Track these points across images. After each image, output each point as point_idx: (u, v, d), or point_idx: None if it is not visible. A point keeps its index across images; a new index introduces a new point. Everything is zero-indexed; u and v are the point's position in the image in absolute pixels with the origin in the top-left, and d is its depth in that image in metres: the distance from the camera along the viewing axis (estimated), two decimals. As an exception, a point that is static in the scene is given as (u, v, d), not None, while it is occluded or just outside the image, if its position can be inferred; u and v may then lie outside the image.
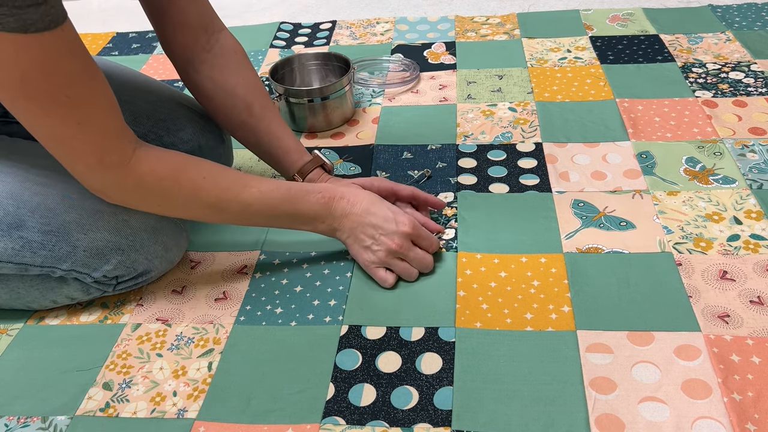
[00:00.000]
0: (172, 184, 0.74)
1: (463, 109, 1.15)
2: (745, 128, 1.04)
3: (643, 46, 1.29)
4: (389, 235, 0.79)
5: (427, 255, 0.82)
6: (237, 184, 0.77)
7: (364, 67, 1.30)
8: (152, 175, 0.72)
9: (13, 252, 0.74)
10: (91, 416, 0.70)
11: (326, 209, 0.80)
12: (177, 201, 0.76)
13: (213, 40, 0.88)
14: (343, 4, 1.62)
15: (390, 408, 0.68)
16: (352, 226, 0.80)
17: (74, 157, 0.69)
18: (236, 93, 0.88)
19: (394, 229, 0.79)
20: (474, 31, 1.41)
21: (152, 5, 0.84)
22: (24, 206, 0.75)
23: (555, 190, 0.95)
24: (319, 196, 0.79)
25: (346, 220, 0.80)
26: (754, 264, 0.81)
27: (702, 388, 0.67)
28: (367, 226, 0.80)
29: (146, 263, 0.80)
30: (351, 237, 0.81)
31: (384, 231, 0.79)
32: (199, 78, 0.88)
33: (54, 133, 0.67)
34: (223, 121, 0.93)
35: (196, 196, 0.75)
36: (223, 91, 0.88)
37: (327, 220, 0.80)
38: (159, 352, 0.76)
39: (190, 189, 0.75)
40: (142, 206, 0.77)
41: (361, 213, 0.80)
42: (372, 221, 0.80)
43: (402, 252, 0.80)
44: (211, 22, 0.88)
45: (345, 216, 0.80)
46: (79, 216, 0.76)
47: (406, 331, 0.76)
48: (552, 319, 0.76)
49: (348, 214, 0.80)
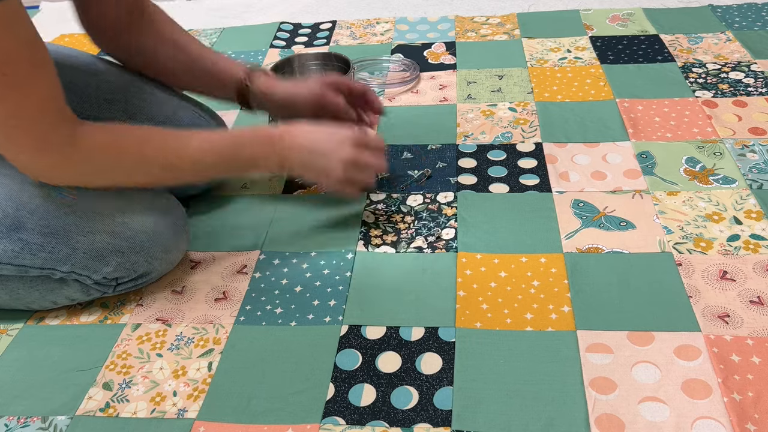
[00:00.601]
0: (119, 153, 0.73)
1: (463, 109, 1.15)
2: (745, 128, 1.04)
3: (643, 46, 1.29)
4: (339, 149, 0.81)
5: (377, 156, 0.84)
6: (183, 141, 0.77)
7: (364, 67, 1.30)
8: (97, 149, 0.72)
9: (13, 254, 0.74)
10: (91, 416, 0.70)
11: (271, 146, 0.80)
12: (127, 170, 0.75)
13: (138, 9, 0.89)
14: (343, 4, 1.62)
15: (390, 408, 0.68)
16: (301, 157, 0.81)
17: (13, 142, 0.68)
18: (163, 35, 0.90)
19: (341, 139, 0.82)
20: (474, 31, 1.41)
21: None
22: (23, 208, 0.74)
23: (555, 190, 0.95)
24: (262, 135, 0.81)
25: (292, 153, 0.81)
26: (754, 264, 0.81)
27: (702, 388, 0.67)
28: (314, 148, 0.81)
29: (146, 265, 0.80)
30: (303, 167, 0.83)
31: (332, 147, 0.81)
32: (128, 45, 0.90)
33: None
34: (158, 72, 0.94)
35: (145, 161, 0.75)
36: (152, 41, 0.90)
37: (275, 156, 0.81)
38: (159, 352, 0.76)
39: (137, 155, 0.74)
40: (93, 182, 0.76)
41: (304, 141, 0.81)
42: (318, 144, 0.81)
43: (355, 160, 0.81)
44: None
45: (290, 149, 0.81)
46: (79, 218, 0.76)
47: (406, 331, 0.76)
48: (552, 319, 0.76)
49: (292, 146, 0.81)
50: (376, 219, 0.93)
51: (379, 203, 0.96)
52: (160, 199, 0.84)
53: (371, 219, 0.93)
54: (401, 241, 0.89)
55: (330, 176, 0.82)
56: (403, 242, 0.89)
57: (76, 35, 1.55)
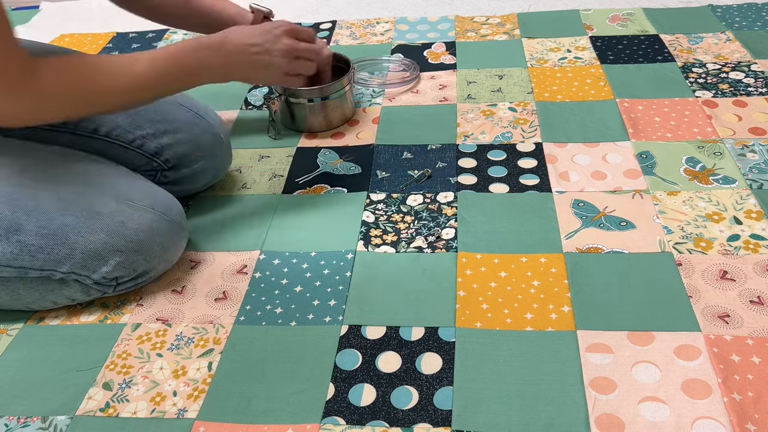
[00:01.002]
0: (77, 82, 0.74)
1: (463, 109, 1.15)
2: (745, 128, 1.04)
3: (643, 46, 1.29)
4: (275, 39, 0.85)
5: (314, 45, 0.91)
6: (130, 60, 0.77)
7: (364, 67, 1.30)
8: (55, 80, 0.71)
9: (12, 256, 0.74)
10: (91, 416, 0.70)
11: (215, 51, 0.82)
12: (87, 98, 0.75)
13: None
14: (343, 4, 1.62)
15: (390, 408, 0.68)
16: (243, 58, 0.84)
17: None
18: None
19: (276, 32, 0.86)
20: (474, 31, 1.41)
21: None
22: (20, 210, 0.74)
23: (555, 190, 0.95)
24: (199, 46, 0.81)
25: (235, 56, 0.83)
26: (754, 264, 0.81)
27: (702, 388, 0.67)
28: (252, 47, 0.84)
29: (145, 264, 0.80)
30: (247, 68, 0.85)
31: (268, 38, 0.85)
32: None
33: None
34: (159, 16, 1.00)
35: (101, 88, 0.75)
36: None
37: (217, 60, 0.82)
38: (159, 352, 0.76)
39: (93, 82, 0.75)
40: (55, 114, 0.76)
41: (239, 39, 0.83)
42: (254, 41, 0.84)
43: (293, 48, 0.87)
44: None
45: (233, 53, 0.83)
46: (76, 218, 0.76)
47: (406, 331, 0.76)
48: (552, 319, 0.76)
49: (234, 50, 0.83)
50: (376, 219, 0.93)
51: (379, 203, 0.96)
52: (158, 197, 0.84)
53: (371, 219, 0.93)
54: (401, 241, 0.89)
55: (274, 70, 0.87)
56: (403, 242, 0.89)
57: (76, 35, 1.55)
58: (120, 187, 0.82)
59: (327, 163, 1.05)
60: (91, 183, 0.81)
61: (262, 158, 1.08)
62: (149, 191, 0.84)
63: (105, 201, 0.78)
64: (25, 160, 0.80)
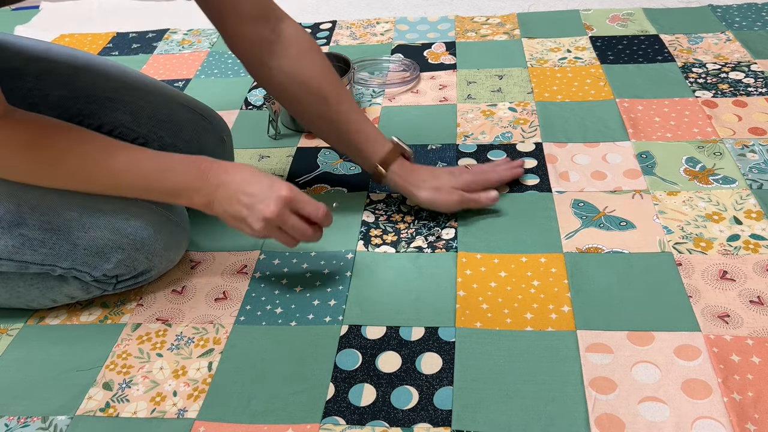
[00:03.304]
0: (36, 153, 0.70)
1: (463, 109, 1.15)
2: (745, 128, 1.04)
3: (643, 46, 1.29)
4: (264, 201, 0.73)
5: (305, 225, 0.76)
6: (104, 152, 0.73)
7: (364, 67, 1.30)
8: (15, 141, 0.69)
9: (14, 249, 0.74)
10: (91, 416, 0.70)
11: (201, 178, 0.74)
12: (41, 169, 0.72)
13: (277, 30, 0.85)
14: (343, 4, 1.62)
15: (390, 408, 0.68)
16: (227, 195, 0.74)
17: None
18: (310, 84, 0.85)
19: (270, 195, 0.73)
20: (474, 31, 1.41)
21: (207, 2, 0.82)
22: (25, 204, 0.75)
23: (555, 190, 0.95)
24: (193, 166, 0.75)
25: (221, 190, 0.74)
26: (754, 264, 0.81)
27: (702, 388, 0.67)
28: (241, 194, 0.74)
29: (146, 262, 0.80)
30: (225, 209, 0.75)
31: (259, 198, 0.73)
32: (270, 72, 0.85)
33: None
34: (299, 113, 0.91)
35: (59, 164, 0.72)
36: (297, 83, 0.85)
37: (202, 190, 0.74)
38: (159, 352, 0.76)
39: (53, 157, 0.71)
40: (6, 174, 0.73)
41: (238, 181, 0.74)
42: (247, 189, 0.74)
43: (279, 220, 0.74)
44: (270, 11, 0.84)
45: (220, 185, 0.74)
46: (80, 214, 0.76)
47: (406, 330, 0.76)
48: (552, 319, 0.76)
49: (223, 183, 0.74)
50: (376, 219, 0.93)
51: (379, 203, 0.96)
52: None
53: (371, 219, 0.93)
54: (401, 241, 0.89)
55: (245, 228, 0.76)
56: (403, 242, 0.89)
57: (76, 35, 1.55)
58: None
59: (327, 163, 1.05)
60: None
61: (262, 158, 1.08)
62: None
63: (109, 198, 0.78)
64: None
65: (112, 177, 0.73)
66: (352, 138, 0.88)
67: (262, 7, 0.84)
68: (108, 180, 0.74)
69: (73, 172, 0.73)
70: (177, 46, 1.45)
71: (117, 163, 0.73)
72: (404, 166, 0.89)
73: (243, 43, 0.85)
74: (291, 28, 0.86)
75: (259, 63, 0.86)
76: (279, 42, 0.85)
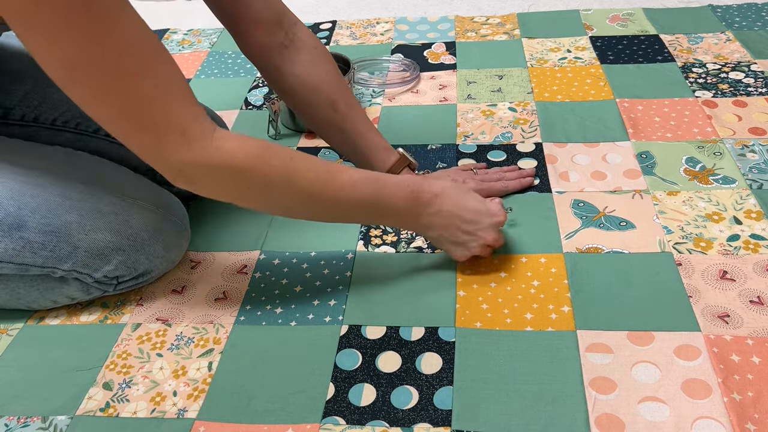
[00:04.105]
0: (262, 162, 0.67)
1: (463, 109, 1.15)
2: (745, 128, 1.04)
3: (643, 46, 1.29)
4: (486, 230, 0.78)
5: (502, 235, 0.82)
6: (329, 169, 0.71)
7: (364, 67, 1.30)
8: (241, 152, 0.65)
9: (14, 252, 0.74)
10: (91, 416, 0.70)
11: (414, 205, 0.76)
12: (268, 184, 0.68)
13: (290, 34, 0.85)
14: (343, 4, 1.62)
15: (390, 408, 0.68)
16: (445, 224, 0.77)
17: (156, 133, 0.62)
18: (321, 90, 0.86)
19: (490, 222, 0.78)
20: (474, 31, 1.41)
21: (220, 7, 0.82)
22: (25, 207, 0.75)
23: (555, 190, 0.95)
24: (407, 191, 0.75)
25: (437, 218, 0.77)
26: (754, 264, 0.81)
27: (702, 388, 0.67)
28: (461, 221, 0.77)
29: (147, 263, 0.81)
30: (443, 234, 0.78)
31: (480, 226, 0.78)
32: (281, 76, 0.86)
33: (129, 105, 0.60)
34: (308, 118, 0.91)
35: (288, 178, 0.68)
36: (308, 88, 0.86)
37: (416, 217, 0.77)
38: (159, 352, 0.76)
39: (282, 170, 0.68)
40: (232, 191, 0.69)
41: (452, 208, 0.77)
42: (467, 217, 0.77)
43: (496, 243, 0.80)
44: (283, 16, 0.85)
45: (436, 213, 0.76)
46: (80, 216, 0.76)
47: (406, 330, 0.76)
48: (552, 319, 0.76)
49: (438, 212, 0.76)
50: (376, 219, 0.93)
51: (379, 203, 0.96)
52: (161, 197, 0.84)
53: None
54: (401, 241, 0.89)
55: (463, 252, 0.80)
56: (403, 242, 0.89)
57: (76, 35, 1.55)
58: (123, 187, 0.82)
59: (327, 163, 1.05)
60: (96, 182, 0.81)
61: (262, 158, 1.08)
62: (152, 191, 0.84)
63: (109, 200, 0.79)
64: (31, 159, 0.80)
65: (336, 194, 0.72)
66: (360, 146, 0.89)
67: (276, 13, 0.84)
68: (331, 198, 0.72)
69: (301, 188, 0.70)
70: (177, 46, 1.45)
71: (342, 181, 0.71)
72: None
73: (256, 47, 0.85)
74: (303, 33, 0.87)
75: (272, 67, 0.86)
76: (291, 47, 0.85)
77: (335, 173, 0.71)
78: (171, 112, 0.62)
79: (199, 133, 0.63)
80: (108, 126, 0.62)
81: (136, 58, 0.59)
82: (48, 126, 0.89)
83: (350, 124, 0.88)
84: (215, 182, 0.67)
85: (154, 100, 0.61)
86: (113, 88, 0.59)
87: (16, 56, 0.91)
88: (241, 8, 0.81)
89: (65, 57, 0.56)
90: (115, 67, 0.58)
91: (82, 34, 0.55)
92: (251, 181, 0.67)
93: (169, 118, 0.61)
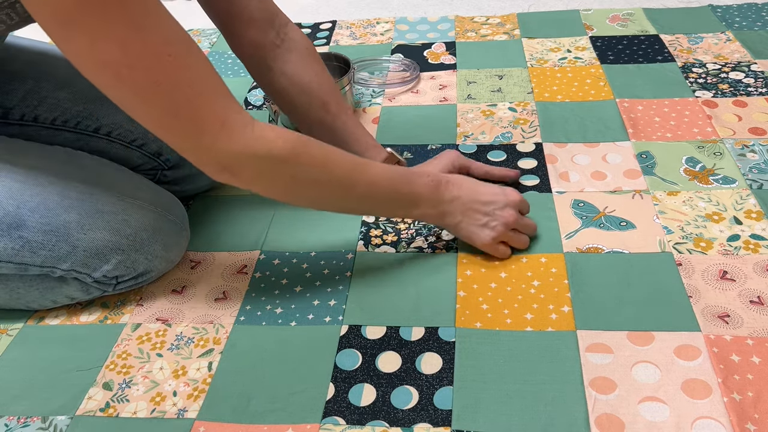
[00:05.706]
0: (303, 152, 0.68)
1: (463, 109, 1.15)
2: (745, 128, 1.04)
3: (643, 46, 1.29)
4: (504, 208, 0.81)
5: (531, 220, 0.85)
6: (361, 161, 0.73)
7: (364, 67, 1.30)
8: (281, 140, 0.66)
9: (13, 252, 0.74)
10: (91, 416, 0.70)
11: (436, 193, 0.78)
12: (309, 175, 0.69)
13: (282, 34, 0.86)
14: (343, 4, 1.62)
15: (390, 408, 0.68)
16: (464, 209, 0.80)
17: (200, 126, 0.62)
18: (311, 90, 0.87)
19: (506, 201, 0.81)
20: (474, 31, 1.41)
21: (213, 5, 0.82)
22: (24, 206, 0.75)
23: (555, 190, 0.95)
24: (428, 180, 0.78)
25: (456, 203, 0.79)
26: (754, 264, 0.81)
27: (702, 388, 0.67)
28: (479, 203, 0.80)
29: (146, 263, 0.80)
30: (464, 219, 0.80)
31: (498, 205, 0.81)
32: (273, 75, 0.86)
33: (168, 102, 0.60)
34: (299, 119, 0.91)
35: (327, 168, 0.70)
36: (298, 88, 0.87)
37: (437, 204, 0.79)
38: (159, 352, 0.76)
39: (321, 159, 0.69)
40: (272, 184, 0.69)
41: (469, 193, 0.80)
42: (483, 199, 0.80)
43: (516, 220, 0.81)
44: (276, 16, 0.86)
45: (454, 199, 0.79)
46: (79, 216, 0.76)
47: (406, 330, 0.76)
48: (552, 319, 0.76)
49: (457, 197, 0.79)
50: (376, 219, 0.93)
51: (379, 203, 0.96)
52: (160, 197, 0.84)
53: (371, 219, 0.93)
54: (401, 241, 0.89)
55: (487, 234, 0.81)
56: (403, 242, 0.89)
57: (76, 35, 1.55)
58: (123, 186, 0.82)
59: (327, 163, 1.05)
60: (95, 181, 0.81)
61: (262, 158, 1.08)
62: (152, 190, 0.84)
63: (108, 199, 0.79)
64: (30, 159, 0.80)
65: (371, 184, 0.74)
66: (350, 144, 0.89)
67: (268, 12, 0.84)
68: (365, 187, 0.73)
69: (338, 177, 0.71)
70: (177, 46, 1.45)
71: (376, 171, 0.74)
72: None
73: (249, 46, 0.85)
74: (294, 33, 0.87)
75: (263, 66, 0.86)
76: (283, 46, 0.85)
77: (366, 165, 0.74)
78: (212, 104, 0.62)
79: (241, 124, 0.64)
80: (150, 124, 0.62)
81: (175, 54, 0.59)
82: (47, 126, 0.89)
83: (341, 124, 0.89)
84: (257, 172, 0.67)
85: (198, 95, 0.61)
86: (156, 85, 0.59)
87: (17, 56, 0.91)
88: (235, 6, 0.82)
89: (107, 59, 0.57)
90: (156, 64, 0.58)
91: (121, 34, 0.56)
92: (293, 170, 0.68)
93: (211, 111, 0.62)
